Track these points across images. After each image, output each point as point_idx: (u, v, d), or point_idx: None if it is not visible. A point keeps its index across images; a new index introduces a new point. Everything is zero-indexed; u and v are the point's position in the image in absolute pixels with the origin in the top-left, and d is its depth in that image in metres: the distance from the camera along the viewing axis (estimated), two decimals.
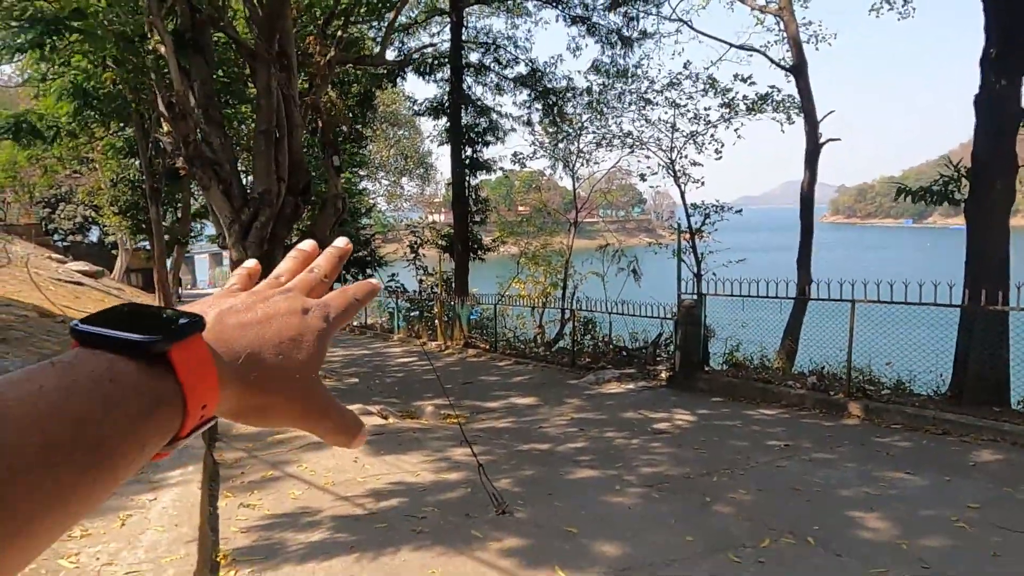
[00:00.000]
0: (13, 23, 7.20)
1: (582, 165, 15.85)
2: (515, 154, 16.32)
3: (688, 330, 9.42)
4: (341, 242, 0.60)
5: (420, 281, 21.97)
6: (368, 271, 28.00)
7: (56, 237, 34.20)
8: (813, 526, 4.12)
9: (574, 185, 19.27)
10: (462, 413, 8.60)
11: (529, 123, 16.73)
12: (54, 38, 7.22)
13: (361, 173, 27.05)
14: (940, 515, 4.31)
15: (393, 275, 26.66)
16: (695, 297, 9.61)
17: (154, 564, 3.25)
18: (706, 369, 9.46)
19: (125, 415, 0.37)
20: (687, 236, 12.90)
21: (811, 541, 3.90)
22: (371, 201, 27.85)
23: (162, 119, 9.81)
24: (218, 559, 3.71)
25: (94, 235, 36.87)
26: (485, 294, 17.95)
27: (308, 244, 0.60)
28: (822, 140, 11.53)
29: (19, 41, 7.02)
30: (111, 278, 29.13)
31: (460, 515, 4.39)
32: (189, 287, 62.58)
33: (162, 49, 8.89)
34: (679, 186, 13.06)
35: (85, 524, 3.74)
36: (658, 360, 10.81)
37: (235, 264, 9.60)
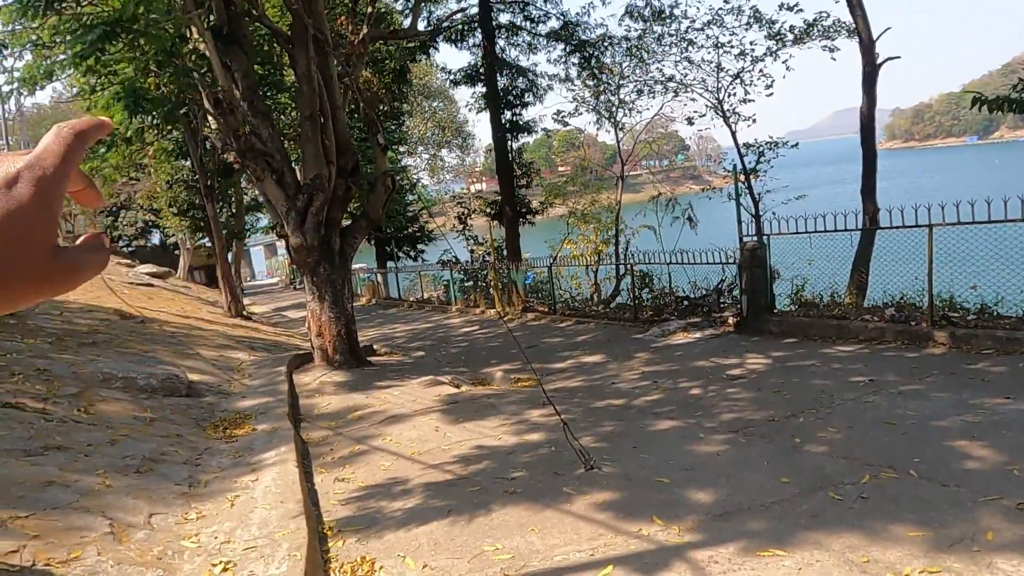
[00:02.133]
0: (75, 29, 7.39)
1: (625, 115, 15.46)
2: (557, 112, 16.06)
3: (754, 272, 9.19)
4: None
5: (471, 251, 22.09)
6: (419, 246, 28.31)
7: (121, 243, 35.71)
8: (913, 459, 4.00)
9: (618, 138, 18.88)
10: (533, 376, 8.66)
11: (567, 79, 16.41)
12: (110, 42, 7.39)
13: (401, 150, 27.15)
14: None
15: (445, 250, 26.89)
16: (757, 239, 9.33)
17: (269, 539, 3.40)
18: (775, 311, 9.23)
19: None
20: (742, 177, 12.51)
21: (914, 474, 3.79)
22: (414, 177, 27.97)
23: (209, 116, 10.01)
24: (324, 531, 3.86)
25: (156, 238, 38.35)
26: (537, 257, 17.92)
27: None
28: (879, 60, 10.89)
29: (79, 49, 7.20)
30: (177, 277, 30.31)
31: (549, 474, 4.43)
32: (248, 279, 64.52)
33: (202, 46, 9.02)
34: (729, 126, 12.62)
35: (199, 507, 3.95)
36: (723, 306, 10.61)
37: (292, 252, 9.81)
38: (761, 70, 13.20)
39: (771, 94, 13.48)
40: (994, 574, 2.70)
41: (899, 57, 10.89)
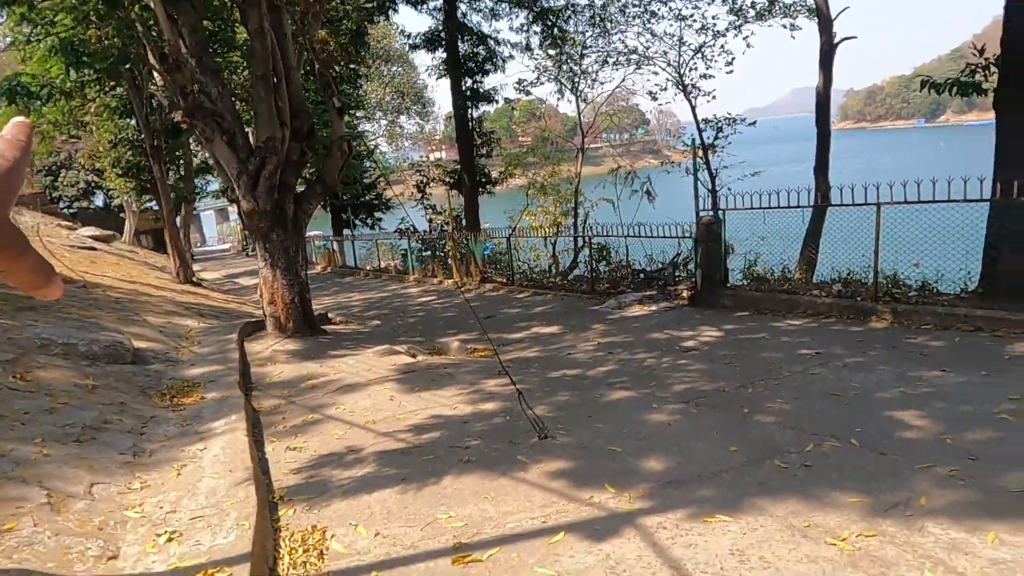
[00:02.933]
0: None
1: (587, 87, 15.37)
2: (519, 81, 15.86)
3: (709, 247, 9.33)
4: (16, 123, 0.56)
5: (429, 220, 21.84)
6: (376, 214, 27.86)
7: (62, 204, 34.13)
8: (855, 428, 4.15)
9: (579, 110, 18.80)
10: (490, 346, 8.66)
11: (528, 48, 16.17)
12: None
13: (359, 115, 26.50)
14: (981, 409, 4.32)
15: (403, 219, 26.50)
16: (713, 213, 9.46)
17: (216, 508, 3.33)
18: (728, 285, 9.41)
19: None
20: (700, 152, 12.60)
21: (855, 443, 3.92)
22: (371, 143, 27.36)
23: (155, 73, 9.54)
24: (275, 500, 3.80)
25: (99, 200, 36.75)
26: (497, 228, 17.83)
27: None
28: (837, 39, 11.05)
29: None
30: (122, 241, 29.18)
31: (504, 442, 4.45)
32: (199, 244, 62.68)
33: None
34: (690, 101, 12.66)
35: (143, 476, 3.84)
36: (678, 280, 10.76)
37: (244, 217, 9.52)
38: (723, 46, 13.25)
39: (731, 71, 13.57)
40: (925, 536, 2.83)
41: (856, 37, 11.08)
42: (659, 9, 13.43)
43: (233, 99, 10.02)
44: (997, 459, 3.54)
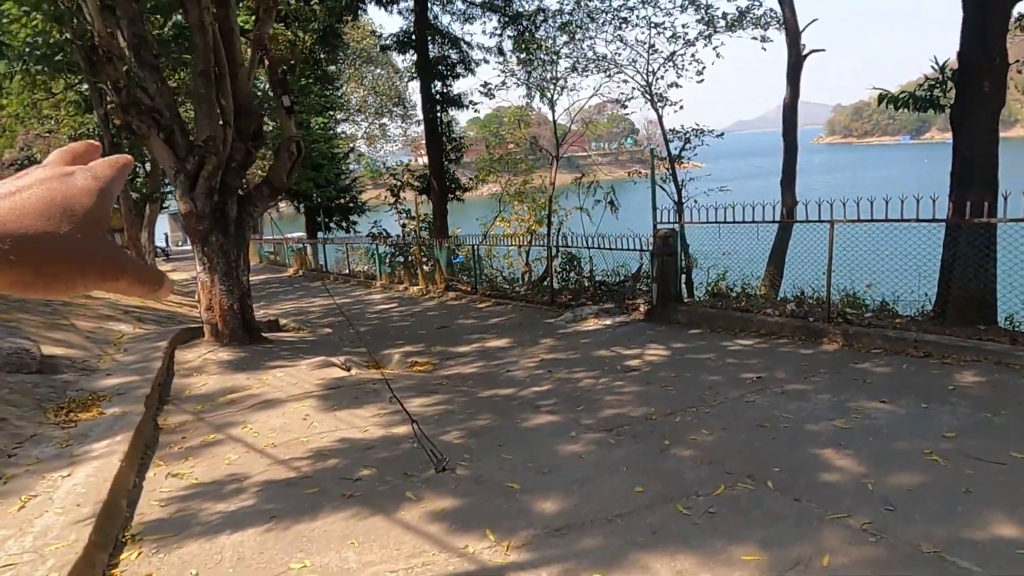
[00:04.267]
0: None
1: (558, 94, 15.08)
2: (484, 84, 15.53)
3: (665, 261, 9.01)
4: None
5: (403, 226, 21.47)
6: (352, 217, 27.44)
7: None
8: (775, 468, 3.82)
9: (553, 116, 18.53)
10: (431, 360, 8.30)
11: (501, 52, 15.84)
12: None
13: (339, 116, 26.11)
14: (913, 448, 4.01)
15: (376, 221, 26.07)
16: (673, 226, 9.15)
17: (36, 554, 2.94)
18: (685, 301, 9.10)
19: None
20: (666, 164, 12.33)
21: (770, 485, 3.60)
22: (348, 145, 26.91)
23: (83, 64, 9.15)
24: (124, 538, 3.41)
25: None
26: (471, 235, 17.48)
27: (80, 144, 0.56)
28: (805, 52, 10.81)
29: None
30: None
31: (399, 475, 4.09)
32: (180, 243, 61.82)
33: None
34: (656, 110, 12.39)
35: None
36: (637, 294, 10.45)
37: (182, 219, 9.13)
38: (693, 55, 13.00)
39: (702, 80, 13.31)
40: None
41: (823, 50, 10.84)
42: (629, 16, 13.16)
43: (176, 96, 9.62)
44: (916, 509, 3.22)
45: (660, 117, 12.76)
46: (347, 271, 21.10)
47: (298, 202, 26.29)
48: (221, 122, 8.96)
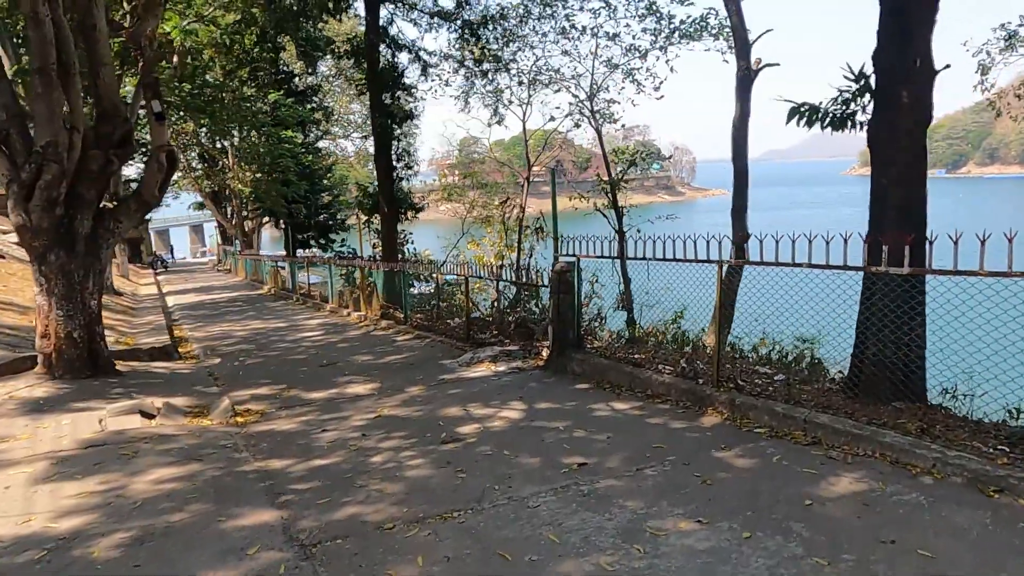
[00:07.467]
0: None
1: (504, 107, 13.91)
2: (429, 88, 14.45)
3: (562, 299, 7.69)
4: None
5: (373, 246, 20.50)
6: (330, 235, 26.57)
7: None
8: None
9: (525, 134, 17.41)
10: (267, 407, 7.09)
11: (448, 58, 14.72)
12: None
13: (316, 132, 25.36)
14: None
15: (343, 240, 25.03)
16: (572, 259, 7.81)
17: None
18: (583, 347, 7.75)
19: None
20: (609, 199, 10.99)
21: None
22: (326, 162, 26.08)
23: None
24: None
25: None
26: (438, 260, 16.36)
27: None
28: (758, 65, 9.48)
29: None
30: None
31: None
32: (186, 256, 62.13)
33: None
34: (596, 127, 11.11)
35: None
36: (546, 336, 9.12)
37: (16, 233, 8.13)
38: (650, 69, 11.72)
39: (661, 97, 12.02)
40: None
41: (777, 64, 9.47)
42: (576, 22, 11.98)
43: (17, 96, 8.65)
44: None
45: (599, 134, 11.47)
46: (307, 292, 20.12)
47: (276, 220, 25.53)
48: (68, 126, 7.99)
